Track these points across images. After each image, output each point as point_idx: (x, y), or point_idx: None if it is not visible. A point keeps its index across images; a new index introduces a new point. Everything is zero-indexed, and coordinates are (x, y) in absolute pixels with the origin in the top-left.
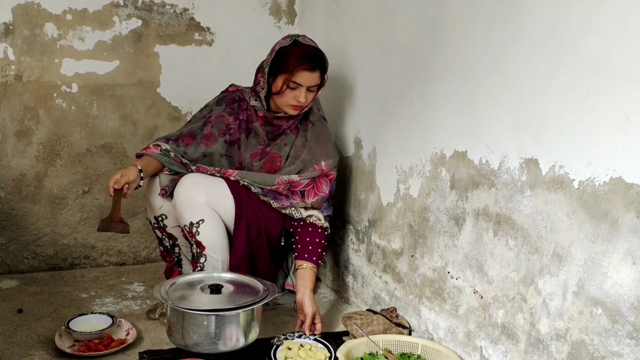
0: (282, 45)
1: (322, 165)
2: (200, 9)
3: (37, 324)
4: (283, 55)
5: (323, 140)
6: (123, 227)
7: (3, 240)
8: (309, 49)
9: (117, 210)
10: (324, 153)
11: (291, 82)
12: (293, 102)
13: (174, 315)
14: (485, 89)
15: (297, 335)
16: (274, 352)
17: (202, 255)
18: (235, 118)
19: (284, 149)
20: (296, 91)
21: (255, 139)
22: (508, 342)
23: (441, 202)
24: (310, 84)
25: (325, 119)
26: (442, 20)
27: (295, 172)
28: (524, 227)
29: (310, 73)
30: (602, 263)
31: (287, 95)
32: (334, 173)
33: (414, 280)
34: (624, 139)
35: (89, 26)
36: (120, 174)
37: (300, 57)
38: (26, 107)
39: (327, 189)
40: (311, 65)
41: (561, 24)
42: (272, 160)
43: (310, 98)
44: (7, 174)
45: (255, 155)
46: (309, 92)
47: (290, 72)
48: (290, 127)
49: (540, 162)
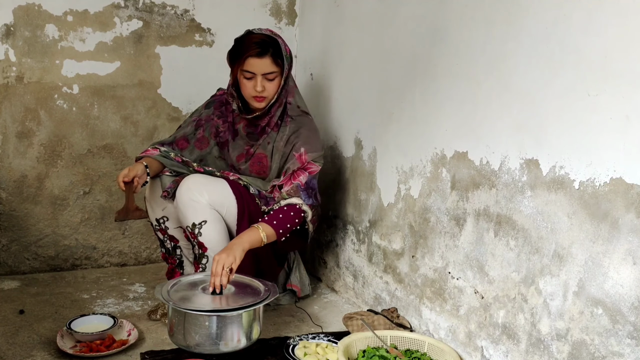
0: (238, 36)
1: (302, 151)
2: (201, 10)
3: (38, 325)
4: (237, 45)
5: (305, 131)
6: (140, 214)
7: (4, 241)
8: (258, 36)
9: (131, 200)
10: (306, 143)
11: (243, 71)
12: (253, 93)
13: (176, 315)
14: (485, 89)
15: (312, 337)
16: (292, 349)
17: (204, 256)
18: (224, 121)
19: (267, 148)
20: (252, 81)
21: (241, 140)
22: (509, 342)
23: (442, 203)
24: (263, 70)
25: (308, 113)
26: (442, 21)
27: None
28: (525, 228)
29: (259, 59)
30: (603, 263)
31: (247, 87)
32: (316, 167)
33: (414, 280)
34: (625, 139)
35: (90, 27)
36: (128, 169)
37: (248, 44)
38: (27, 109)
39: (304, 179)
40: (257, 50)
41: (561, 24)
42: (259, 161)
43: (270, 87)
44: (8, 175)
45: (240, 157)
46: (268, 81)
47: (239, 61)
48: (271, 125)
49: (541, 163)
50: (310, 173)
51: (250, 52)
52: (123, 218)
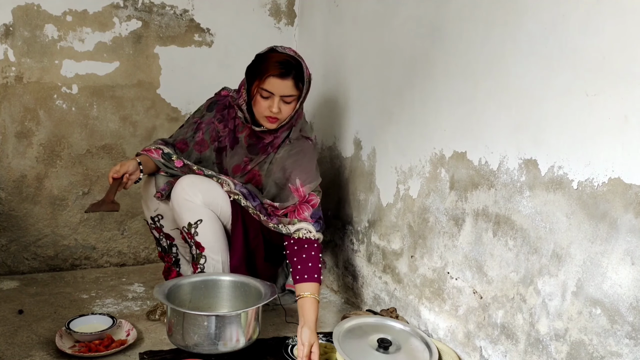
0: (261, 52)
1: (298, 184)
2: (200, 10)
3: (37, 325)
4: (259, 62)
5: (300, 158)
6: (112, 207)
7: (3, 241)
8: (282, 56)
9: (111, 193)
10: (302, 172)
11: (262, 89)
12: (267, 113)
13: (174, 315)
14: (484, 89)
15: None
16: (291, 349)
17: (201, 256)
18: (224, 125)
19: (263, 167)
20: (269, 100)
21: (240, 150)
22: (507, 342)
23: (441, 203)
24: (282, 92)
25: (310, 138)
26: (441, 21)
27: (271, 194)
28: (523, 228)
29: (281, 80)
30: (601, 263)
31: (261, 105)
32: (316, 198)
33: (413, 280)
34: (623, 139)
35: (89, 27)
36: (120, 165)
37: (271, 63)
38: (26, 109)
39: (309, 214)
40: (281, 71)
41: (560, 24)
42: (254, 177)
43: (286, 110)
44: (7, 175)
45: (237, 169)
46: (284, 104)
47: (261, 78)
48: (273, 144)
49: (539, 163)
50: (313, 207)
51: (272, 72)
52: (94, 210)
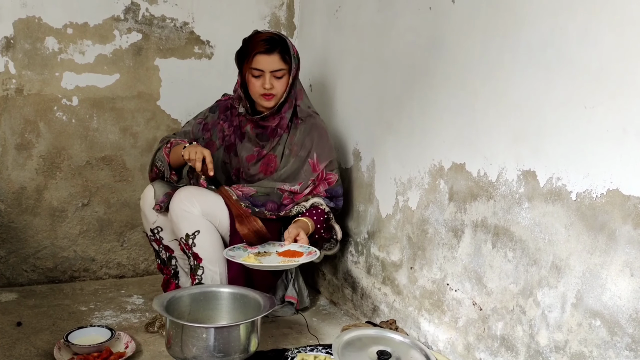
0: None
1: (315, 157)
2: (200, 22)
3: (36, 337)
4: (245, 45)
5: (316, 134)
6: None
7: (2, 253)
8: (266, 34)
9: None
10: (317, 146)
11: (252, 69)
12: (261, 91)
13: (173, 328)
14: (483, 100)
15: (310, 349)
16: None
17: (199, 267)
18: (229, 124)
19: (278, 149)
20: (261, 79)
21: (249, 142)
22: (507, 354)
23: (440, 214)
24: (271, 67)
25: (317, 113)
26: (440, 32)
27: (290, 171)
28: (523, 239)
29: (267, 56)
30: (601, 275)
31: (255, 85)
32: (334, 177)
33: (413, 292)
34: (621, 150)
35: (90, 40)
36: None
37: (256, 41)
38: (27, 120)
39: (323, 189)
40: (266, 47)
41: (558, 36)
42: (268, 162)
43: (279, 85)
44: (7, 186)
45: (251, 158)
46: (276, 79)
47: (249, 59)
48: (281, 126)
49: (538, 174)
50: (330, 184)
51: (258, 49)
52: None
